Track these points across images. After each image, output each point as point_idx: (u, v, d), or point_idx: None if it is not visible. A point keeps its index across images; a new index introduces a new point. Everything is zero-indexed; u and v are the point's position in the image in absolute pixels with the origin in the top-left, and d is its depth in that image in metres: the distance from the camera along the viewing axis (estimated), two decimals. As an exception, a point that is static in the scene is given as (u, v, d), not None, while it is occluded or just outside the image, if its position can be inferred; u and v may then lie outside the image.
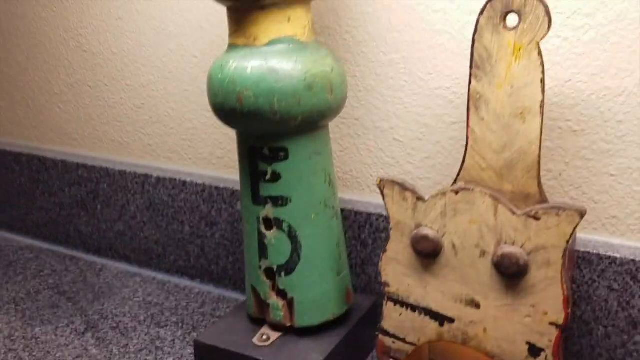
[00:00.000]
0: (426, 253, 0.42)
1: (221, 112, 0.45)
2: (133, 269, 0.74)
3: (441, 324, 0.44)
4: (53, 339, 0.59)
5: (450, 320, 0.43)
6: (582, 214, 0.36)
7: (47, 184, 0.79)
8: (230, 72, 0.43)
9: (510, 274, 0.39)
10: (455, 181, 0.46)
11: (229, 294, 0.67)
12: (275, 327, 0.50)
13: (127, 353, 0.57)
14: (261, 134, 0.45)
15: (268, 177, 0.46)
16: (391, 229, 0.44)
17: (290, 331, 0.49)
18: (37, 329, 0.61)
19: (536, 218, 0.38)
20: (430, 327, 0.44)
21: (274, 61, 0.42)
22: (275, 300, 0.48)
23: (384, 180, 0.43)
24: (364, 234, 0.57)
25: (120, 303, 0.66)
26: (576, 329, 0.48)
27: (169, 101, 0.68)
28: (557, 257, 0.38)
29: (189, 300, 0.66)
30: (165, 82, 0.67)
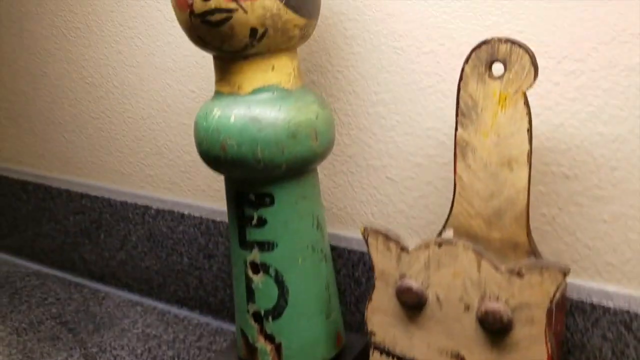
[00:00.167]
0: (411, 304, 0.41)
1: (207, 159, 0.45)
2: (135, 297, 0.74)
3: (428, 375, 0.43)
4: (50, 374, 0.60)
5: (437, 372, 0.42)
6: (565, 273, 0.35)
7: (53, 212, 0.80)
8: (214, 121, 0.43)
9: (494, 330, 0.38)
10: (444, 227, 0.45)
11: (227, 326, 0.67)
12: (264, 370, 0.49)
13: (122, 390, 0.57)
14: (246, 179, 0.45)
15: (254, 222, 0.46)
16: (376, 278, 0.43)
17: (279, 375, 0.49)
18: (36, 363, 0.62)
19: (519, 275, 0.37)
20: (418, 377, 0.43)
21: (258, 110, 0.42)
22: (264, 345, 0.48)
23: (367, 228, 0.42)
24: (357, 272, 0.56)
25: (119, 335, 0.66)
26: (571, 377, 0.47)
27: (168, 134, 0.68)
28: (540, 315, 0.37)
29: (186, 333, 0.66)
30: (164, 115, 0.68)
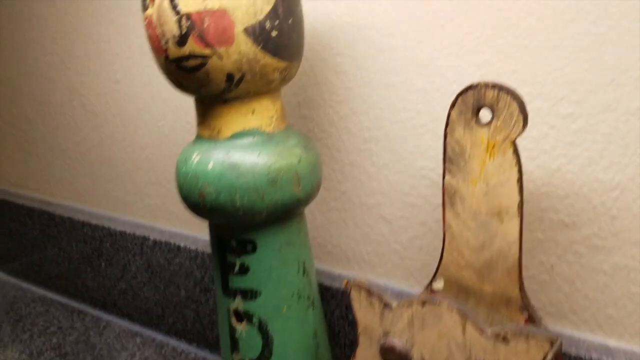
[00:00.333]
0: (395, 362, 0.39)
1: (186, 204, 0.43)
2: (135, 327, 0.73)
3: None
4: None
5: None
6: (552, 342, 0.33)
7: (57, 238, 0.80)
8: (192, 167, 0.42)
9: (480, 394, 0.36)
10: (434, 276, 0.43)
11: (224, 360, 0.66)
12: (250, 419, 0.48)
13: None
14: (228, 225, 0.43)
15: (236, 269, 0.44)
16: (359, 333, 0.41)
17: None
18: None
19: (505, 340, 0.35)
20: None
21: (236, 156, 0.41)
22: (248, 394, 0.46)
23: (350, 282, 0.40)
24: (351, 313, 0.54)
25: (115, 368, 0.66)
26: None
27: (165, 164, 0.67)
28: (528, 384, 0.34)
29: (183, 368, 0.65)
30: (161, 145, 0.67)
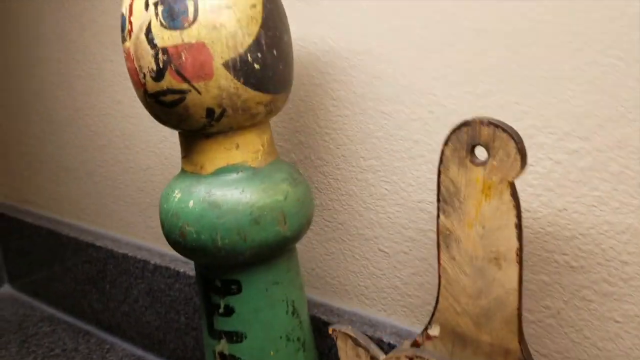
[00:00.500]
0: (383, 417, 0.37)
1: (169, 242, 0.42)
2: (138, 351, 0.72)
3: None
4: None
5: None
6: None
7: (63, 258, 0.80)
8: (174, 204, 0.40)
9: None
10: (429, 322, 0.40)
11: (224, 389, 0.64)
12: None
13: None
14: (211, 264, 0.41)
15: (221, 310, 0.42)
16: (346, 383, 0.39)
17: None
18: None
19: (497, 404, 0.32)
20: None
21: (218, 194, 0.39)
22: None
23: (336, 330, 0.38)
24: (349, 349, 0.52)
25: (115, 395, 0.64)
26: None
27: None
28: None
29: (182, 396, 0.63)
30: (162, 167, 0.66)
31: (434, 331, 0.40)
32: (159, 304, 0.68)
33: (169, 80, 0.36)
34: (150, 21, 0.36)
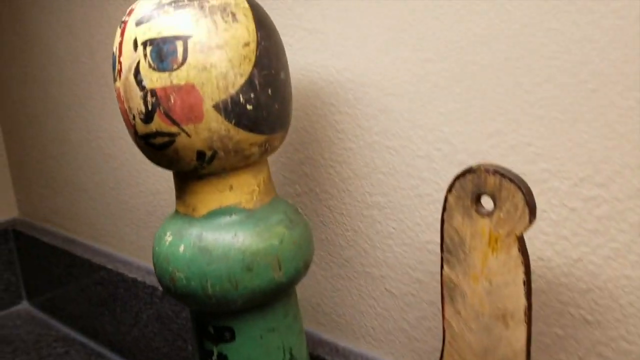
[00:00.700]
0: None
1: (161, 286, 0.40)
2: (147, 376, 0.72)
3: None
4: None
5: None
6: None
7: (77, 278, 0.80)
8: (164, 248, 0.38)
9: None
10: (433, 375, 0.37)
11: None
12: None
13: None
14: (203, 311, 0.40)
15: (214, 358, 0.40)
16: None
17: None
18: None
19: None
20: None
21: (210, 238, 0.37)
22: None
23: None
24: (355, 392, 0.50)
25: None
26: None
27: (175, 212, 0.65)
28: None
29: None
30: (170, 192, 0.65)
31: (437, 386, 0.37)
32: (167, 330, 0.67)
33: (157, 123, 0.35)
34: (138, 62, 0.35)
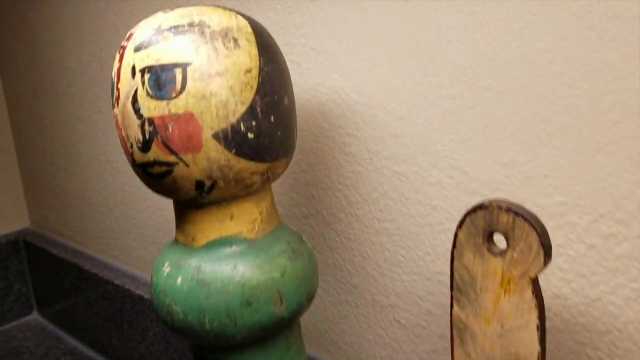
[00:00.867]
0: None
1: (159, 318, 0.39)
2: (154, 394, 0.70)
3: None
4: None
5: None
6: None
7: (86, 292, 0.79)
8: (162, 279, 0.37)
9: None
10: (441, 416, 0.36)
11: None
12: None
13: None
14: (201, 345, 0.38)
15: (215, 392, 0.39)
16: None
17: None
18: None
19: None
20: None
21: (208, 270, 0.36)
22: None
23: None
24: (362, 423, 0.48)
25: None
26: None
27: (181, 230, 0.64)
28: None
29: None
30: (177, 210, 0.63)
31: None
32: (173, 350, 0.65)
33: (155, 152, 0.34)
34: (136, 89, 0.33)
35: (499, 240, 0.32)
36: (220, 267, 0.36)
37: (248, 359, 0.38)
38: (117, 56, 0.35)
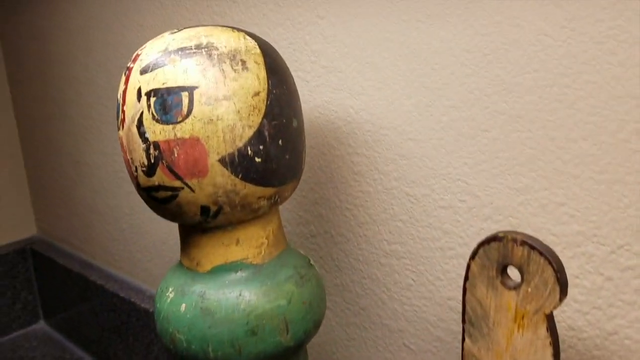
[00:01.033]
0: None
1: (163, 344, 0.38)
2: (159, 408, 0.70)
3: None
4: None
5: None
6: None
7: (92, 303, 0.78)
8: (165, 306, 0.36)
9: None
10: None
11: None
12: None
13: None
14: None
15: (219, 419, 0.38)
16: None
17: None
18: None
19: None
20: None
21: (212, 298, 0.35)
22: None
23: None
24: None
25: None
26: None
27: (188, 244, 0.63)
28: None
29: None
30: (184, 224, 0.63)
31: None
32: (179, 364, 0.65)
33: (160, 177, 0.33)
34: (142, 113, 0.33)
35: (513, 273, 0.31)
36: (225, 295, 0.35)
37: (253, 387, 0.37)
38: (123, 78, 0.34)
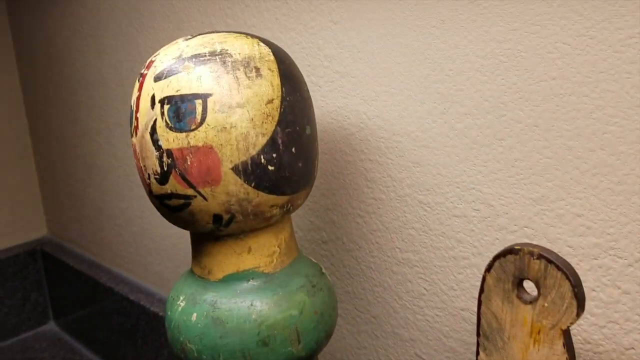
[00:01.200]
0: None
1: (174, 352, 0.38)
2: (168, 411, 0.70)
3: None
4: None
5: None
6: None
7: (101, 305, 0.78)
8: (176, 314, 0.36)
9: None
10: None
11: None
12: None
13: None
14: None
15: None
16: None
17: None
18: None
19: None
20: None
21: (224, 307, 0.35)
22: None
23: None
24: None
25: None
26: None
27: (198, 248, 0.63)
28: None
29: None
30: (194, 228, 0.63)
31: None
32: (188, 369, 0.65)
33: (173, 185, 0.33)
34: (155, 120, 0.32)
35: (529, 286, 0.30)
36: (236, 304, 0.35)
37: (264, 396, 0.37)
38: (137, 84, 0.34)
